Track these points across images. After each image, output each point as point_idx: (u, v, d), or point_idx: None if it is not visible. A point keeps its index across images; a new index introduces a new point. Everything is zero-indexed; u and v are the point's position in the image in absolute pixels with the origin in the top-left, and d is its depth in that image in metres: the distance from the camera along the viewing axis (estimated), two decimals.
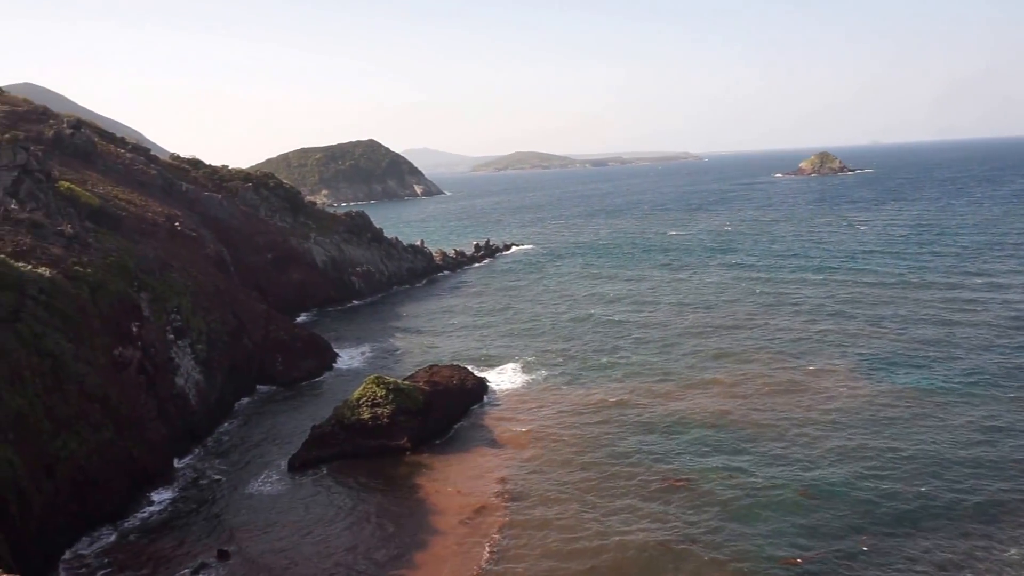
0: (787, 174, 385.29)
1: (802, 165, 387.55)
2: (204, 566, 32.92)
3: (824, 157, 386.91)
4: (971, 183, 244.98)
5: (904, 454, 40.34)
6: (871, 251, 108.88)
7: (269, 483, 41.99)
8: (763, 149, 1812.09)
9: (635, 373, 57.36)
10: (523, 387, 56.49)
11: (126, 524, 37.14)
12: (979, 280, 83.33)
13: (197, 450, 47.29)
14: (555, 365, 61.16)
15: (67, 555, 33.79)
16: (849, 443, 42.12)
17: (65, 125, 75.83)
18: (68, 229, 49.61)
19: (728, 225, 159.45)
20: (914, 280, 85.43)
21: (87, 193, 59.53)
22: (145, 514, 38.40)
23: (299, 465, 43.76)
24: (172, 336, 51.48)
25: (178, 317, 52.85)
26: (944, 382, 51.04)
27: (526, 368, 61.08)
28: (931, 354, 57.34)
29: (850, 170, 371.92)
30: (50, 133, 71.75)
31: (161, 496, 40.29)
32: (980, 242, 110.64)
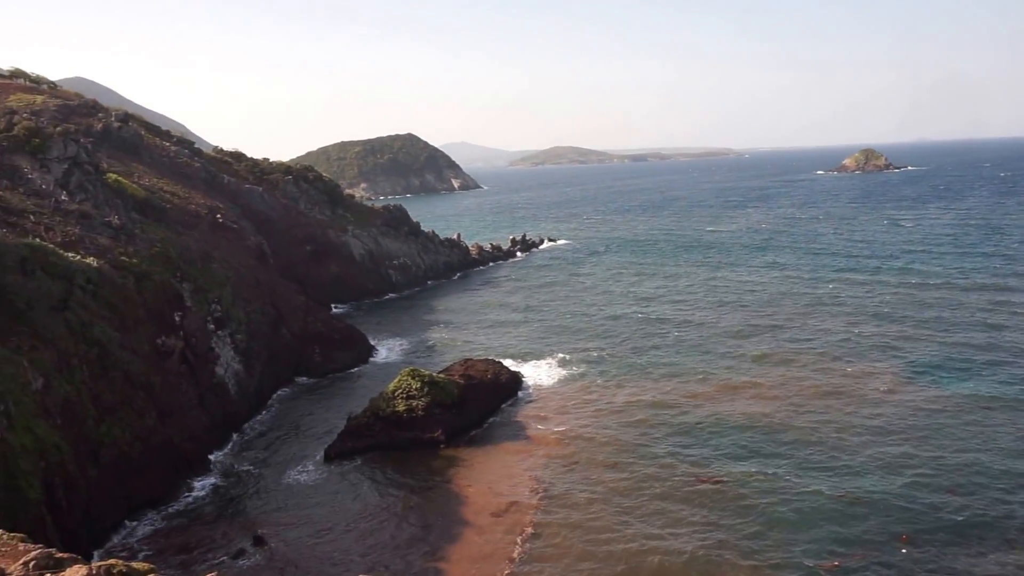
0: (830, 171, 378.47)
1: (846, 162, 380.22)
2: (242, 552, 33.53)
3: (869, 154, 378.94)
4: (1022, 182, 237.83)
5: (948, 462, 39.32)
6: (916, 251, 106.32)
7: (305, 473, 42.58)
8: (805, 146, 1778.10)
9: (672, 374, 56.78)
10: (558, 383, 56.34)
11: (168, 509, 38.04)
12: None
13: (236, 438, 48.14)
14: (591, 363, 60.88)
15: (114, 540, 34.66)
16: (891, 449, 41.21)
17: (113, 119, 77.66)
18: (115, 220, 50.78)
19: (768, 223, 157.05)
20: (961, 282, 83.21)
21: (134, 185, 60.90)
22: (189, 498, 39.35)
23: (335, 455, 44.28)
24: (213, 326, 52.40)
25: (219, 307, 53.76)
26: (992, 388, 49.62)
27: (561, 364, 60.92)
28: (978, 359, 55.78)
29: (896, 167, 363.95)
30: (99, 126, 73.48)
31: (201, 483, 41.14)
32: None
